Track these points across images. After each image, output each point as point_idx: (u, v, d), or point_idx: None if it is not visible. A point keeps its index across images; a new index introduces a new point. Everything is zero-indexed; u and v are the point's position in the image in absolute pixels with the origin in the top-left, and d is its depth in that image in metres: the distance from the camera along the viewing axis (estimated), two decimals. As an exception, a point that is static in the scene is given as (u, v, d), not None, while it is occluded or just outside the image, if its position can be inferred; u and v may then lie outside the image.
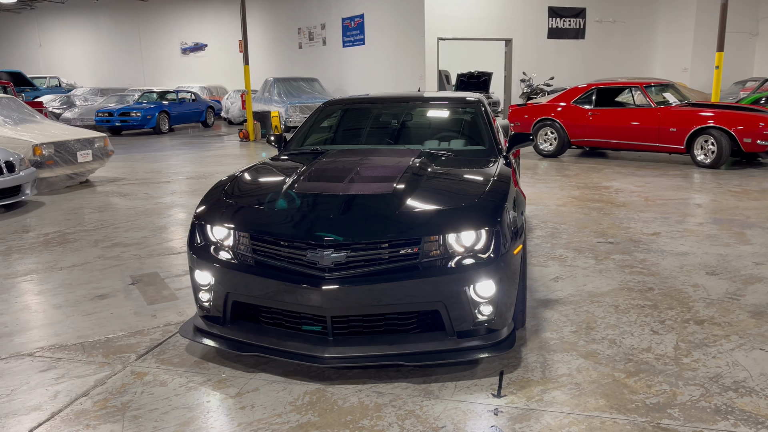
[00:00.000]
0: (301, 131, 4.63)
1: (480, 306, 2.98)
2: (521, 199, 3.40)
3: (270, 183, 3.51)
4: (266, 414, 2.68)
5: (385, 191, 3.17)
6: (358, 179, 3.39)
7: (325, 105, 4.85)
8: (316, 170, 3.60)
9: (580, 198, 7.30)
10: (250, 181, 3.60)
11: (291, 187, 3.32)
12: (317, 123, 4.72)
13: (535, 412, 2.66)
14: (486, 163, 3.87)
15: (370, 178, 3.39)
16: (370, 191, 3.19)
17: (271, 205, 3.16)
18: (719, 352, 3.18)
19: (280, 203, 3.16)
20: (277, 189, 3.33)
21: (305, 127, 4.66)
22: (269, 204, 3.18)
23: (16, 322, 3.79)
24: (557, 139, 11.02)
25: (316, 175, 3.51)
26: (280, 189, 3.31)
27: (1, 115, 9.12)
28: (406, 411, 2.69)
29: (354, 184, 3.30)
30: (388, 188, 3.20)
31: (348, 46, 19.47)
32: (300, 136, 4.58)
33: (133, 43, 29.41)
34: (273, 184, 3.45)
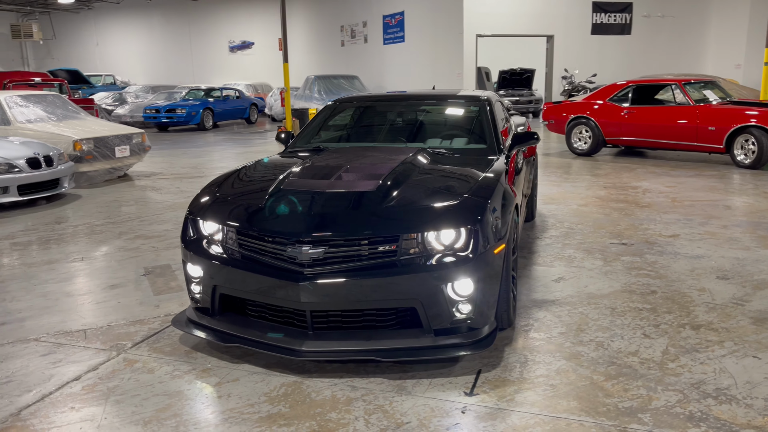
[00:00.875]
0: (308, 129, 4.71)
1: (458, 304, 2.99)
2: (510, 198, 3.38)
3: (262, 179, 3.60)
4: (240, 403, 2.77)
5: (368, 188, 3.21)
6: (346, 176, 3.44)
7: (334, 103, 4.92)
8: (308, 167, 3.68)
9: (604, 198, 7.16)
10: (243, 178, 3.69)
11: (280, 183, 3.40)
12: (325, 121, 4.79)
13: (503, 412, 2.66)
14: (482, 162, 3.86)
15: (358, 175, 3.43)
16: (353, 188, 3.24)
17: (258, 201, 3.24)
18: (708, 358, 3.10)
19: (267, 199, 3.24)
20: (267, 185, 3.42)
21: (312, 125, 4.74)
22: (256, 200, 3.26)
23: (29, 309, 4.01)
24: (592, 137, 10.79)
25: (307, 172, 3.58)
26: (270, 185, 3.40)
27: (45, 111, 9.55)
28: (376, 406, 2.73)
29: (340, 181, 3.36)
30: (372, 185, 3.24)
31: (388, 43, 19.53)
32: (306, 133, 4.66)
33: (184, 42, 30.22)
34: (265, 181, 3.53)
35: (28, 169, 7.31)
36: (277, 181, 3.43)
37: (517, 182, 4.34)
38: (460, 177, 3.51)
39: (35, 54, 34.38)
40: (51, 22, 32.93)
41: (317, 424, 2.58)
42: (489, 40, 17.25)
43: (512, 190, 3.58)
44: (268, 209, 3.16)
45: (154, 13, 30.50)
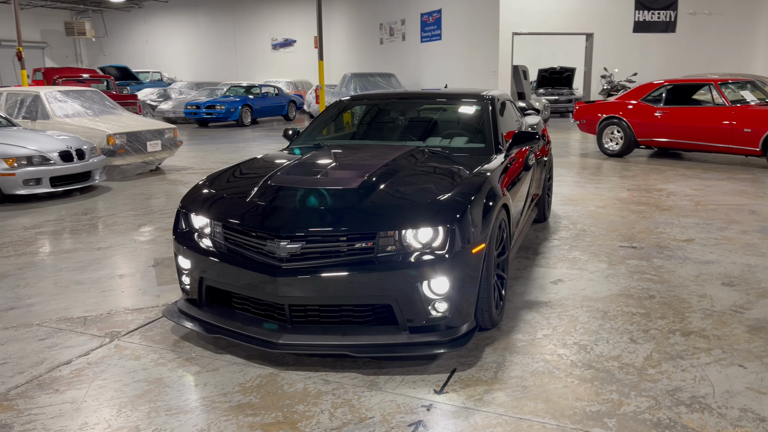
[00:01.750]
0: (312, 126, 4.78)
1: (435, 302, 3.01)
2: (496, 199, 3.36)
3: (254, 175, 3.67)
4: (214, 392, 2.85)
5: (350, 185, 3.25)
6: (333, 173, 3.49)
7: (339, 101, 4.98)
8: (299, 163, 3.74)
9: (625, 200, 7.01)
10: (237, 173, 3.78)
11: (268, 179, 3.47)
12: (329, 118, 4.85)
13: (468, 411, 2.66)
14: (476, 161, 3.85)
15: (345, 172, 3.48)
16: (336, 185, 3.29)
17: (245, 197, 3.32)
18: (692, 366, 3.03)
19: (253, 195, 3.31)
20: (256, 181, 3.49)
21: (317, 122, 4.80)
22: (244, 195, 3.34)
23: (39, 294, 4.20)
24: (623, 138, 10.56)
25: (296, 169, 3.64)
26: (259, 181, 3.47)
27: (83, 106, 9.92)
28: (344, 400, 2.77)
29: (325, 178, 3.41)
30: (355, 183, 3.28)
31: (426, 41, 19.49)
32: (309, 130, 4.73)
33: (228, 40, 30.81)
34: (256, 177, 3.61)
35: (61, 161, 7.61)
36: (265, 177, 3.50)
37: (520, 182, 4.32)
38: (447, 176, 3.51)
39: (88, 51, 35.62)
40: (103, 20, 34.05)
41: (283, 416, 2.64)
42: (525, 38, 17.03)
43: (502, 191, 3.56)
44: (252, 204, 3.24)
45: (201, 12, 31.19)
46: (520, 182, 4.33)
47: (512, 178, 4.05)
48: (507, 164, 4.03)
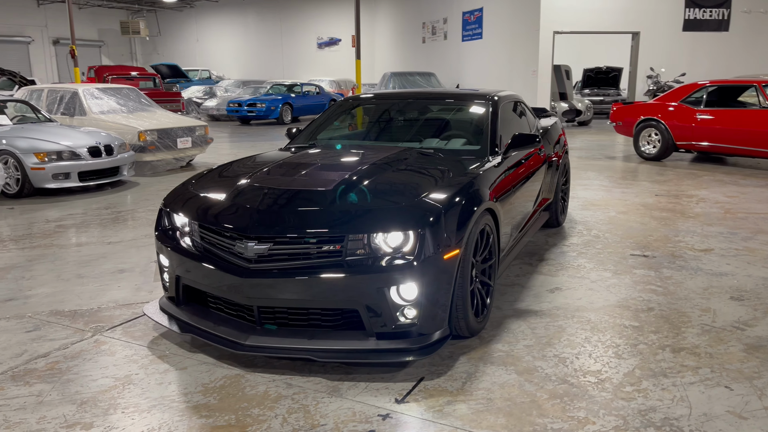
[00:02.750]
0: (312, 125, 4.75)
1: (403, 309, 2.94)
2: (475, 203, 3.24)
3: (237, 175, 3.66)
4: (176, 392, 2.85)
5: (324, 187, 3.21)
6: (312, 174, 3.45)
7: (344, 100, 4.94)
8: (282, 164, 3.72)
9: (650, 206, 6.73)
10: (223, 173, 3.78)
11: (247, 179, 3.46)
12: (330, 118, 4.81)
13: (423, 423, 2.58)
14: (466, 163, 3.75)
15: (324, 173, 3.44)
16: (311, 186, 3.25)
17: (222, 196, 3.31)
18: (674, 385, 2.86)
19: (230, 195, 3.30)
20: (237, 181, 3.48)
21: (318, 121, 4.77)
22: (221, 195, 3.34)
23: (40, 286, 4.31)
24: (661, 141, 10.16)
25: (278, 169, 3.62)
26: (239, 181, 3.46)
27: (118, 103, 10.19)
28: (301, 405, 2.73)
29: (302, 179, 3.38)
30: (330, 184, 3.23)
31: (467, 40, 19.27)
32: (308, 130, 4.71)
33: (275, 39, 31.24)
34: (238, 176, 3.60)
35: (89, 157, 7.84)
36: (247, 177, 3.49)
37: (520, 186, 4.19)
38: (428, 179, 3.42)
39: (143, 49, 36.72)
40: (157, 19, 35.03)
41: (236, 419, 2.62)
42: (568, 37, 16.62)
43: (490, 195, 3.44)
44: (227, 204, 3.23)
45: (250, 11, 31.73)
46: (519, 186, 4.19)
47: (508, 181, 3.93)
48: (502, 167, 3.91)
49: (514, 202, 4.05)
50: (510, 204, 3.92)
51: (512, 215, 4.01)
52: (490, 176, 3.67)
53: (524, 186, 4.34)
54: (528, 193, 4.49)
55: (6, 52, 30.60)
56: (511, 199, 3.95)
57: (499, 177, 3.80)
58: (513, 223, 4.05)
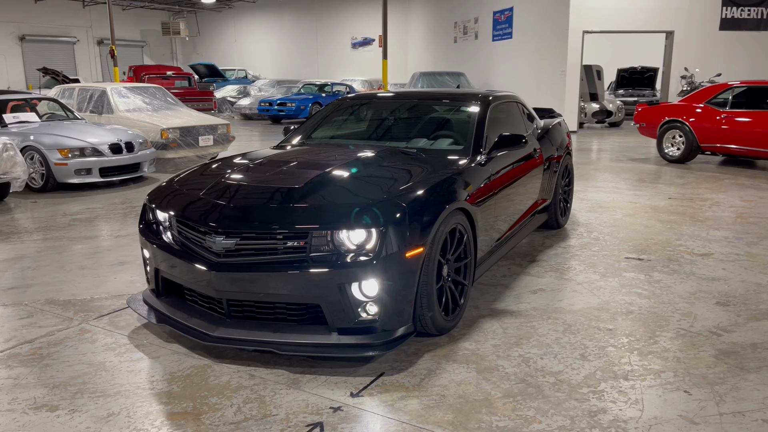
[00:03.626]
0: (306, 124, 4.84)
1: (365, 305, 2.99)
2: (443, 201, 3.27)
3: (218, 172, 3.76)
4: (142, 379, 2.97)
5: (294, 184, 3.28)
6: (288, 171, 3.54)
7: (339, 100, 5.01)
8: (262, 161, 3.81)
9: (660, 209, 6.61)
10: (207, 170, 3.89)
11: (225, 175, 3.56)
12: (324, 117, 4.89)
13: (371, 416, 2.63)
14: (445, 163, 3.77)
15: (299, 171, 3.51)
16: (281, 183, 3.33)
17: (199, 192, 3.42)
18: (632, 388, 2.84)
19: (205, 190, 3.41)
20: (215, 178, 3.59)
21: (311, 121, 4.86)
22: (198, 191, 3.45)
23: (42, 276, 4.51)
24: (685, 143, 9.94)
25: (256, 166, 3.71)
26: (217, 178, 3.57)
27: (144, 102, 10.50)
28: (258, 396, 2.81)
29: (276, 176, 3.46)
30: (300, 181, 3.30)
31: (497, 39, 19.13)
32: (302, 128, 4.80)
33: (311, 39, 31.55)
34: (218, 173, 3.70)
35: (110, 153, 8.11)
36: (224, 174, 3.59)
37: (506, 187, 4.20)
38: (400, 178, 3.46)
39: (183, 49, 37.56)
40: (196, 20, 35.79)
41: (193, 407, 2.72)
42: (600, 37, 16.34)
43: (468, 195, 3.47)
44: (202, 199, 3.33)
45: (286, 11, 32.11)
46: (506, 187, 4.19)
47: (490, 181, 3.93)
48: (484, 167, 3.92)
49: (498, 202, 4.05)
50: (492, 204, 3.93)
51: (495, 215, 4.01)
52: (467, 176, 3.69)
53: (512, 187, 4.34)
54: (517, 194, 4.48)
55: (53, 52, 31.74)
56: (494, 200, 3.96)
57: (480, 177, 3.82)
58: (496, 223, 4.06)
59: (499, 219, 4.13)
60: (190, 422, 2.59)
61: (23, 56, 30.47)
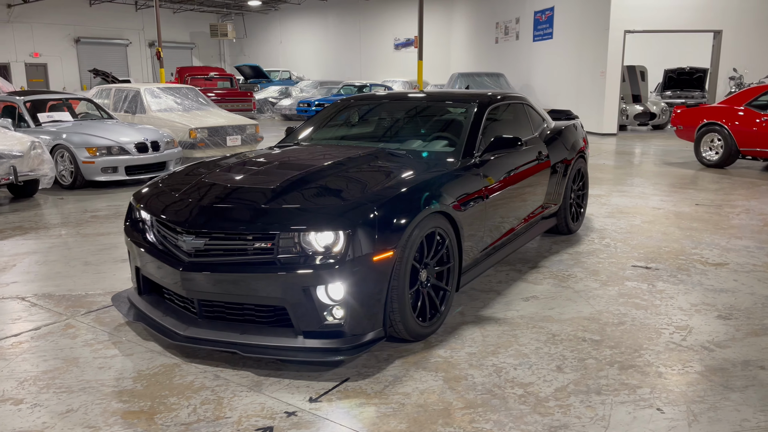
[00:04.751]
0: (305, 125, 4.82)
1: (331, 309, 2.95)
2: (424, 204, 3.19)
3: (201, 172, 3.76)
4: (110, 377, 2.99)
5: (268, 185, 3.26)
6: (266, 172, 3.52)
7: (340, 101, 4.98)
8: (244, 161, 3.81)
9: (684, 215, 6.33)
10: (192, 170, 3.89)
11: (205, 176, 3.57)
12: (323, 118, 4.87)
13: (324, 423, 2.58)
14: (431, 165, 3.69)
15: (277, 172, 3.49)
16: (256, 184, 3.31)
17: (179, 192, 3.44)
18: (602, 403, 2.70)
19: (185, 191, 3.42)
20: (196, 178, 3.60)
21: (310, 121, 4.84)
22: (179, 191, 3.46)
23: (47, 271, 4.63)
24: (723, 147, 9.51)
25: (236, 167, 3.71)
26: (198, 178, 3.58)
27: (176, 102, 10.73)
28: (218, 397, 2.79)
29: (254, 177, 3.45)
30: (274, 183, 3.28)
31: (538, 40, 18.77)
32: (300, 129, 4.78)
33: (354, 40, 31.71)
34: (201, 173, 3.71)
35: (136, 152, 8.30)
36: (205, 174, 3.60)
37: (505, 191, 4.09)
38: (377, 180, 3.39)
39: (230, 51, 38.33)
40: (244, 22, 36.46)
41: (150, 406, 2.72)
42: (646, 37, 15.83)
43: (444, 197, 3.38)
44: (179, 199, 3.35)
45: (330, 13, 32.37)
46: (501, 191, 4.07)
47: (482, 185, 3.82)
48: (474, 171, 3.82)
49: (492, 206, 3.94)
50: (482, 208, 3.81)
51: (487, 220, 3.90)
52: (453, 179, 3.60)
53: (510, 190, 4.21)
54: (517, 198, 4.35)
55: (106, 54, 32.86)
56: (485, 204, 3.84)
57: (468, 180, 3.72)
58: (488, 228, 3.94)
59: (493, 223, 4.01)
60: (143, 422, 2.59)
61: (78, 58, 31.66)
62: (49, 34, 30.46)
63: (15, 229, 6.02)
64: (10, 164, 6.96)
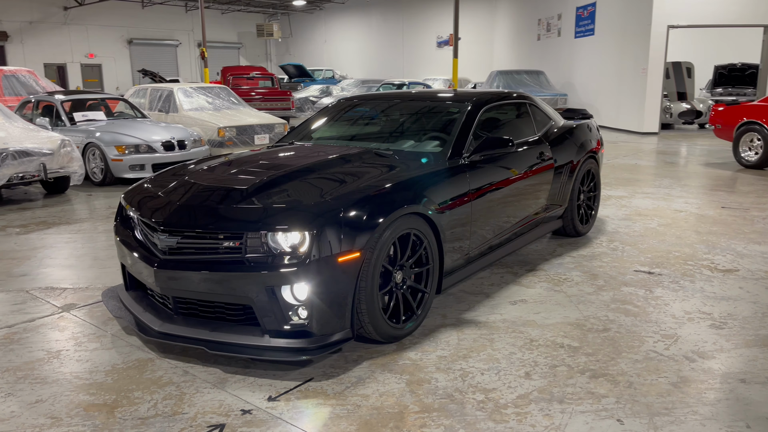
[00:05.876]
0: (304, 124, 4.86)
1: (296, 309, 2.96)
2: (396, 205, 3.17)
3: (186, 171, 3.83)
4: (85, 369, 3.09)
5: (242, 185, 3.30)
6: (244, 172, 3.57)
7: (337, 101, 5.00)
8: (227, 161, 3.87)
9: (705, 219, 6.09)
10: (179, 169, 3.97)
11: (188, 176, 3.64)
12: (320, 117, 4.89)
13: (276, 422, 2.60)
14: (415, 166, 3.66)
15: (255, 171, 3.53)
16: (230, 184, 3.35)
17: (160, 191, 3.52)
18: (562, 412, 2.63)
19: (166, 190, 3.50)
20: (180, 177, 3.67)
21: (308, 121, 4.87)
22: (161, 189, 3.54)
23: (57, 265, 4.81)
24: (763, 147, 9.10)
25: (219, 166, 3.77)
26: (181, 177, 3.65)
27: (207, 101, 10.96)
28: (181, 393, 2.85)
29: (231, 177, 3.50)
30: (249, 183, 3.32)
31: (579, 36, 18.34)
32: (298, 128, 4.82)
33: (397, 38, 31.70)
34: (185, 173, 3.78)
35: (163, 150, 8.53)
36: (189, 174, 3.67)
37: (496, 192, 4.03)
38: (350, 180, 3.37)
39: (276, 50, 38.92)
40: (289, 22, 36.95)
41: (114, 399, 2.79)
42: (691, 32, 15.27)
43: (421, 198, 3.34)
44: (159, 198, 3.42)
45: (373, 12, 32.45)
46: (492, 191, 4.01)
47: (469, 186, 3.77)
48: (459, 171, 3.77)
49: (480, 207, 3.87)
50: (467, 209, 3.76)
51: (473, 221, 3.84)
52: (435, 179, 3.56)
53: (503, 191, 4.14)
54: (511, 199, 4.27)
55: (157, 54, 33.87)
56: (471, 205, 3.78)
57: (452, 180, 3.67)
58: (475, 229, 3.88)
59: (483, 225, 3.95)
60: (103, 414, 2.67)
61: (131, 58, 32.74)
62: (103, 36, 31.61)
63: (39, 224, 6.27)
64: (40, 161, 7.26)
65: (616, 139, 14.06)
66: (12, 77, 11.88)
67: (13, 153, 7.03)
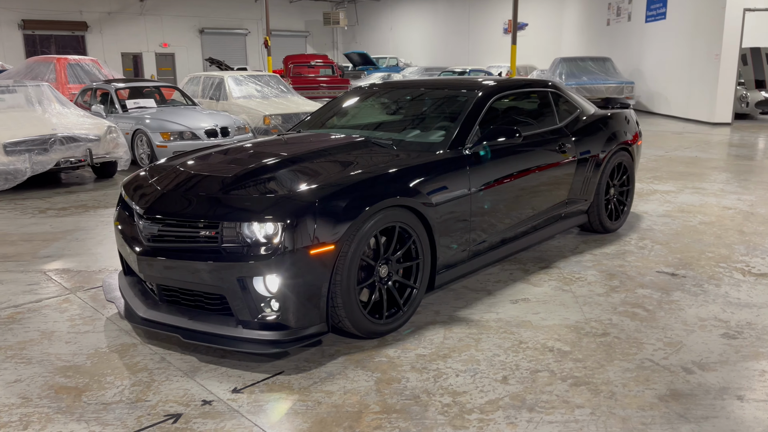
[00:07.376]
0: (315, 113, 4.80)
1: (269, 300, 2.93)
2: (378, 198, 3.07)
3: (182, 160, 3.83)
4: (70, 351, 3.16)
5: (225, 174, 3.27)
6: (232, 161, 3.55)
7: (350, 90, 4.91)
8: (220, 150, 3.87)
9: (754, 217, 5.63)
10: (177, 157, 3.98)
11: (181, 164, 3.65)
12: (331, 106, 4.82)
13: (231, 414, 2.56)
14: (410, 156, 3.54)
15: (245, 160, 3.50)
16: (214, 173, 3.33)
17: (153, 179, 3.55)
18: (529, 421, 2.47)
19: (158, 177, 3.52)
20: (174, 165, 3.69)
21: (320, 110, 4.82)
22: (155, 177, 3.57)
23: (79, 248, 4.97)
24: (838, 139, 8.34)
25: (213, 155, 3.76)
26: (175, 166, 3.67)
27: (256, 89, 11.11)
28: (151, 379, 2.86)
29: (221, 166, 3.48)
30: (232, 172, 3.29)
31: (650, 20, 17.41)
32: (310, 117, 4.77)
33: (463, 25, 31.17)
34: (180, 161, 3.79)
35: (206, 137, 8.70)
36: (183, 162, 3.69)
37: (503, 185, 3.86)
38: (333, 170, 3.28)
39: (343, 38, 39.08)
40: (356, 9, 36.98)
41: (87, 383, 2.84)
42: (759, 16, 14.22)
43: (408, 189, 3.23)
44: (149, 186, 3.45)
45: (440, -1, 32.03)
46: (497, 183, 3.83)
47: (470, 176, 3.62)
48: (459, 162, 3.61)
49: (481, 200, 3.71)
50: (466, 202, 3.60)
51: (474, 215, 3.67)
52: (427, 171, 3.42)
53: (510, 183, 3.95)
54: (521, 192, 4.07)
55: (227, 43, 34.72)
56: (469, 198, 3.63)
57: (449, 172, 3.53)
58: (475, 224, 3.71)
59: (486, 219, 3.78)
60: (70, 398, 2.71)
61: (202, 47, 33.70)
62: (176, 26, 32.67)
63: (78, 207, 6.53)
64: (87, 147, 7.55)
65: (682, 129, 13.30)
66: (76, 66, 12.44)
67: (61, 138, 7.34)
